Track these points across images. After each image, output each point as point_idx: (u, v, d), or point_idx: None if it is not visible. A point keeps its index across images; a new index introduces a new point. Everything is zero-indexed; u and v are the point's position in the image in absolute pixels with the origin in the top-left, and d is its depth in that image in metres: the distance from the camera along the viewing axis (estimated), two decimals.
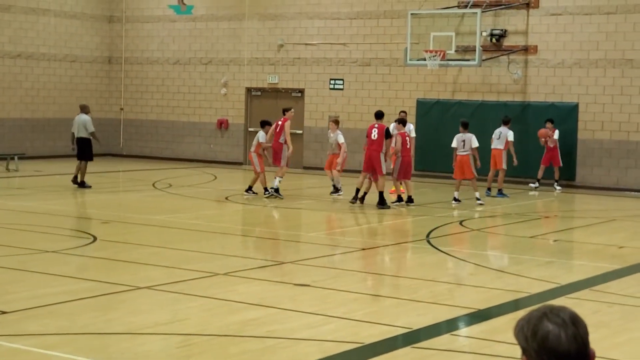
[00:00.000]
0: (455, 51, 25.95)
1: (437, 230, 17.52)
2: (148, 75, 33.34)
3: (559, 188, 25.02)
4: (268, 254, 14.94)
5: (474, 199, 21.84)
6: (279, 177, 21.90)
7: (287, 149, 21.97)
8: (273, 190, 21.80)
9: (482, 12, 25.84)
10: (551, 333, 2.94)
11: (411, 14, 26.33)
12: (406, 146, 20.87)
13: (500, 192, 23.28)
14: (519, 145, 24.00)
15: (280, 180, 21.93)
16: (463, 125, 21.81)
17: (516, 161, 23.44)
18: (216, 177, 27.37)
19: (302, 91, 30.31)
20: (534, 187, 25.05)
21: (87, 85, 33.20)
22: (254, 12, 31.03)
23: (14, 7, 30.93)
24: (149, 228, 17.19)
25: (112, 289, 11.43)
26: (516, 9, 26.59)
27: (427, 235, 16.82)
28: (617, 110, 25.33)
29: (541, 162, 24.96)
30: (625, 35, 25.19)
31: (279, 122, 22.08)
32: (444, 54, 25.66)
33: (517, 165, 23.89)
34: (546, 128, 24.67)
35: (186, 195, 22.72)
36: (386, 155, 20.88)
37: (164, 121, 33.05)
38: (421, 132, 27.06)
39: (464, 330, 10.30)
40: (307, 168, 29.44)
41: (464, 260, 14.47)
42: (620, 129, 25.33)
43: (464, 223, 18.75)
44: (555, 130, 24.71)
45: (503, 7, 26.63)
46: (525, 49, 26.52)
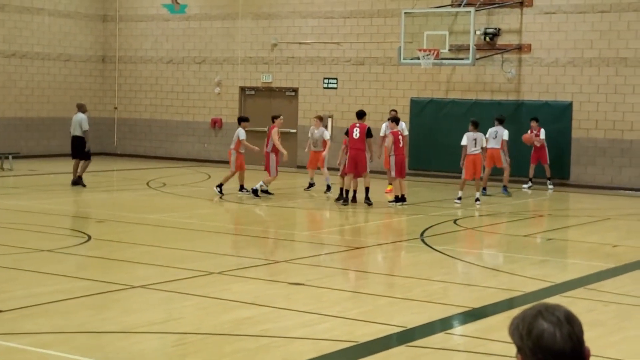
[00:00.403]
0: (449, 50, 25.96)
1: (431, 229, 17.53)
2: (142, 74, 33.32)
3: (551, 187, 25.04)
4: (262, 253, 14.94)
5: (469, 198, 21.85)
6: (262, 182, 21.67)
7: (282, 156, 21.54)
8: (251, 190, 21.54)
9: (476, 10, 25.85)
10: (546, 331, 2.95)
11: (405, 13, 26.33)
12: (399, 145, 20.84)
13: (505, 188, 23.31)
14: (512, 145, 24.01)
15: (262, 185, 21.66)
16: (474, 124, 21.58)
17: (509, 159, 23.49)
18: (210, 176, 27.36)
19: (295, 90, 30.30)
20: (526, 187, 25.04)
21: (81, 84, 33.17)
22: (247, 11, 31.02)
23: (7, 6, 30.89)
24: (144, 227, 17.19)
25: (106, 288, 11.43)
26: (510, 7, 26.61)
27: (422, 234, 16.84)
28: (611, 108, 25.36)
29: (530, 161, 24.96)
30: (619, 33, 25.23)
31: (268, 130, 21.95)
32: (438, 53, 25.67)
33: (511, 165, 23.91)
34: (531, 128, 24.66)
35: (180, 195, 22.72)
36: (371, 154, 21.18)
37: (157, 120, 33.03)
38: (415, 131, 27.08)
39: (459, 329, 10.32)
40: (300, 167, 29.43)
41: (458, 259, 14.49)
42: (614, 128, 25.37)
43: (458, 222, 18.77)
44: (541, 129, 24.70)
45: (497, 5, 26.66)
46: (519, 48, 26.54)
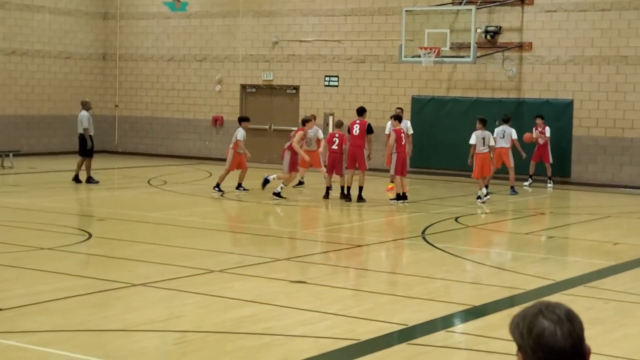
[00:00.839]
0: (450, 48, 25.95)
1: (432, 227, 17.53)
2: (143, 72, 33.32)
3: (550, 185, 25.03)
4: (263, 251, 14.93)
5: (470, 196, 21.86)
6: (282, 184, 21.25)
7: (297, 157, 21.20)
8: (273, 194, 21.11)
9: (477, 9, 25.84)
10: (547, 330, 2.95)
11: (406, 11, 26.31)
12: (401, 142, 20.84)
13: (513, 189, 23.30)
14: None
15: (282, 187, 21.20)
16: (482, 122, 21.38)
17: (524, 154, 23.67)
18: (211, 174, 27.34)
19: (296, 88, 30.30)
20: (527, 184, 25.02)
21: (82, 82, 33.17)
22: (248, 9, 31.01)
23: (8, 3, 30.89)
24: (144, 225, 17.19)
25: (107, 286, 11.43)
26: (511, 5, 26.60)
27: (423, 232, 16.84)
28: (612, 107, 25.36)
29: (531, 159, 24.96)
30: (620, 32, 25.22)
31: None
32: (439, 51, 25.66)
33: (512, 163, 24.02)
34: (535, 125, 24.66)
35: (181, 192, 22.72)
36: (370, 151, 21.57)
37: (158, 118, 33.04)
38: (416, 129, 27.00)
39: (460, 327, 10.32)
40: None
41: (459, 256, 14.48)
42: (615, 126, 25.36)
43: (459, 220, 18.77)
44: (546, 127, 24.69)
45: (498, 3, 26.65)
46: (520, 46, 26.53)
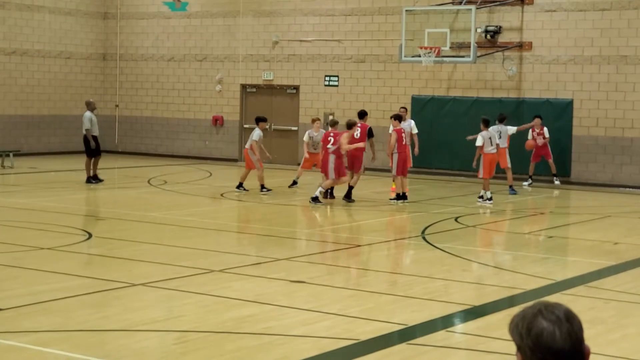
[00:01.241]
0: (450, 48, 25.94)
1: (432, 227, 17.53)
2: (143, 72, 33.32)
3: (557, 182, 25.03)
4: (263, 251, 14.93)
5: (470, 196, 21.86)
6: (320, 187, 20.76)
7: (342, 161, 20.75)
8: (311, 199, 20.57)
9: (477, 8, 25.83)
10: (545, 330, 2.95)
11: (406, 11, 26.30)
12: (402, 142, 20.84)
13: (512, 188, 23.26)
14: (514, 142, 24.01)
15: (321, 190, 20.69)
16: (485, 123, 21.32)
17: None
18: (211, 174, 27.37)
19: (297, 88, 30.30)
20: (526, 184, 24.99)
21: (82, 82, 33.17)
22: (248, 9, 31.01)
23: (8, 3, 30.89)
24: (145, 225, 17.19)
25: (107, 286, 11.43)
26: (511, 5, 26.60)
27: (423, 232, 16.84)
28: (612, 106, 25.36)
29: (531, 160, 24.93)
30: (619, 31, 25.22)
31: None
32: (439, 51, 25.65)
33: (512, 163, 24.04)
34: (533, 126, 24.66)
35: (181, 192, 22.72)
36: (373, 154, 21.79)
37: (159, 118, 33.04)
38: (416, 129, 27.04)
39: (459, 327, 10.32)
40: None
41: (459, 256, 14.48)
42: (615, 126, 25.36)
43: (459, 219, 18.77)
44: (544, 128, 24.68)
45: (498, 3, 26.65)
46: (520, 46, 26.53)
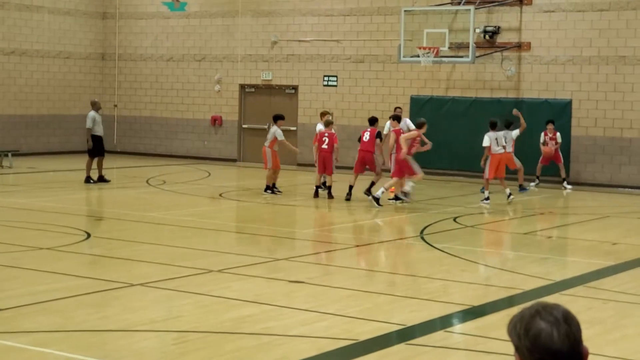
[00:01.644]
0: (449, 48, 25.94)
1: (431, 227, 17.53)
2: (142, 72, 33.32)
3: (569, 187, 24.94)
4: (262, 251, 14.94)
5: (468, 196, 21.86)
6: (411, 182, 20.85)
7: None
8: (402, 194, 20.61)
9: (476, 9, 25.84)
10: (543, 331, 2.95)
11: (404, 11, 26.30)
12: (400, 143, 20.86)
13: (522, 187, 23.32)
14: (521, 144, 23.92)
15: (411, 186, 20.77)
16: (492, 126, 21.41)
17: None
18: (210, 174, 27.38)
19: (295, 88, 30.30)
20: (533, 185, 24.88)
21: (81, 81, 33.16)
22: (247, 9, 31.01)
23: (7, 3, 30.88)
24: (143, 225, 17.19)
25: (106, 286, 11.43)
26: (509, 5, 26.61)
27: (421, 232, 16.85)
28: (611, 106, 25.37)
29: (540, 161, 24.79)
30: (618, 32, 25.23)
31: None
32: (438, 51, 25.66)
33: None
34: (546, 131, 24.56)
35: (180, 192, 22.72)
36: (384, 157, 21.99)
37: (157, 118, 33.03)
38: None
39: (458, 327, 10.33)
40: (300, 165, 29.44)
41: (458, 256, 14.49)
42: (613, 126, 25.37)
43: (458, 219, 18.77)
44: (557, 133, 24.63)
45: (496, 4, 26.66)
46: (519, 46, 26.54)
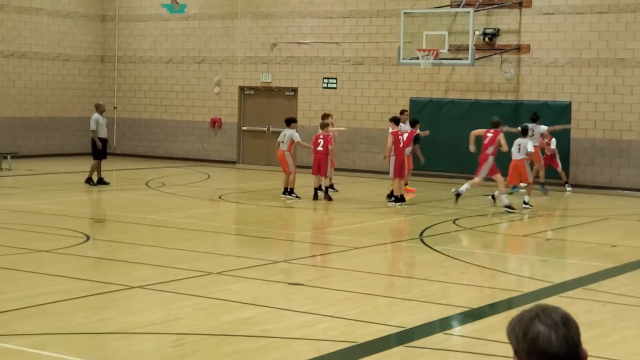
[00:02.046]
0: (448, 50, 25.95)
1: (430, 229, 17.53)
2: (141, 74, 33.31)
3: (570, 189, 24.95)
4: (261, 253, 14.93)
5: (468, 198, 21.84)
6: (504, 192, 20.67)
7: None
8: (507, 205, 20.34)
9: (475, 11, 25.84)
10: (541, 334, 2.94)
11: (404, 13, 26.31)
12: (399, 145, 20.93)
13: (543, 186, 23.76)
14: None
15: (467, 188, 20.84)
16: (524, 131, 21.46)
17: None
18: (209, 176, 27.37)
19: (295, 90, 30.29)
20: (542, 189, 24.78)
21: (80, 84, 33.15)
22: (246, 11, 31.01)
23: (6, 6, 30.87)
24: (142, 227, 17.18)
25: (105, 289, 11.42)
26: (509, 8, 26.61)
27: (421, 234, 16.84)
28: (610, 109, 25.36)
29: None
30: (617, 34, 25.23)
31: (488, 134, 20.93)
32: (437, 53, 25.67)
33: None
34: (542, 135, 24.51)
35: (179, 194, 22.71)
36: (420, 157, 23.25)
37: (157, 120, 33.02)
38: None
39: (457, 329, 10.32)
40: (299, 167, 29.40)
41: (457, 259, 14.48)
42: (613, 128, 25.37)
43: (457, 222, 18.77)
44: (552, 139, 24.61)
45: (496, 6, 26.66)
46: (518, 48, 26.54)
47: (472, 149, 21.55)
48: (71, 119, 32.42)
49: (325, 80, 29.64)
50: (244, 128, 31.17)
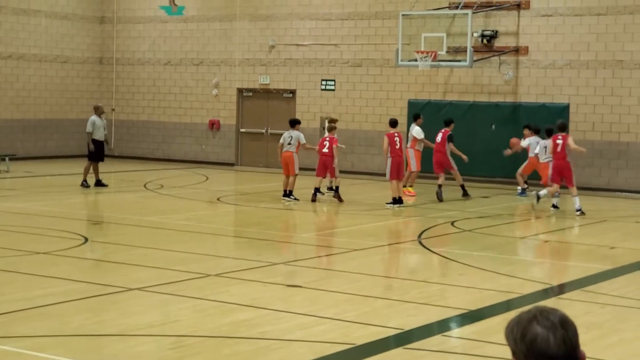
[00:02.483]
0: (447, 52, 25.96)
1: (428, 231, 17.54)
2: (139, 76, 33.30)
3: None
4: (260, 255, 14.92)
5: (467, 199, 21.87)
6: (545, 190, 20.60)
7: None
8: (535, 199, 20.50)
9: (473, 13, 25.86)
10: (539, 336, 2.95)
11: (402, 15, 26.32)
12: (395, 147, 20.90)
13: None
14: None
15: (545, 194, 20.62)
16: (548, 133, 21.67)
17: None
18: (208, 178, 27.36)
19: (293, 92, 30.29)
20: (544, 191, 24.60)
21: (78, 86, 33.14)
22: (245, 13, 31.01)
23: (5, 7, 30.87)
24: (141, 229, 17.18)
25: (103, 291, 11.42)
26: (507, 10, 26.62)
27: (419, 236, 16.84)
28: (608, 111, 25.38)
29: (522, 170, 24.15)
30: (615, 36, 25.25)
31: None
32: (435, 55, 25.67)
33: (508, 167, 24.33)
34: (524, 135, 24.30)
35: (178, 196, 22.70)
36: (460, 156, 22.86)
37: (155, 122, 33.02)
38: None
39: (456, 331, 10.32)
40: (301, 169, 29.35)
41: (455, 260, 14.49)
42: (611, 130, 25.38)
43: (455, 224, 18.77)
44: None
45: (494, 8, 26.67)
46: (516, 50, 26.55)
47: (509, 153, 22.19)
48: (69, 121, 32.41)
49: (324, 82, 29.65)
50: (242, 130, 31.17)
